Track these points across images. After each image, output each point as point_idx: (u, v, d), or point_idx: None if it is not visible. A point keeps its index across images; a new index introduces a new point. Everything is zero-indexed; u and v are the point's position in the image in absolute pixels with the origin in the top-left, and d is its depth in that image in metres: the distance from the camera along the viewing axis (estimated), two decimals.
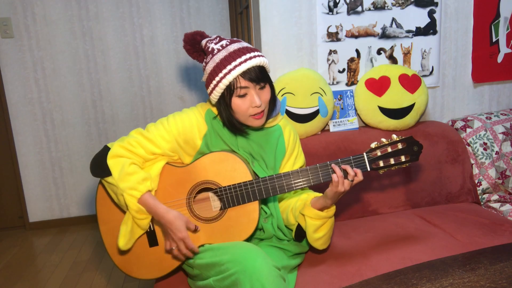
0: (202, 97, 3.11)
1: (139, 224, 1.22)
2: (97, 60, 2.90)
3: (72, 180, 3.01)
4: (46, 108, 2.89)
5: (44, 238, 2.85)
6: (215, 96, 1.23)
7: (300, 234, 1.32)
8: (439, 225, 1.58)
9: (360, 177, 1.20)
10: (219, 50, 1.21)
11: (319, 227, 1.25)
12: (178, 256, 1.24)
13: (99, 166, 1.23)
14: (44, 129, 2.91)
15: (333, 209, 1.25)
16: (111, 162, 1.21)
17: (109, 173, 1.20)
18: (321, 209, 1.23)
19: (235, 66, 1.17)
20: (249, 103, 1.21)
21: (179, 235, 1.18)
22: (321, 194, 1.27)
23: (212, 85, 1.22)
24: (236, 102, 1.21)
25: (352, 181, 1.19)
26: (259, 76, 1.20)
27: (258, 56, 1.20)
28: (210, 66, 1.21)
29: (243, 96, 1.20)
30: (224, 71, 1.18)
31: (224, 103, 1.23)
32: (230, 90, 1.19)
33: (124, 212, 1.26)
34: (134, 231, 1.24)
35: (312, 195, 1.31)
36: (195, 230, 1.24)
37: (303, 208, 1.25)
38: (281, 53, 1.87)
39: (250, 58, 1.18)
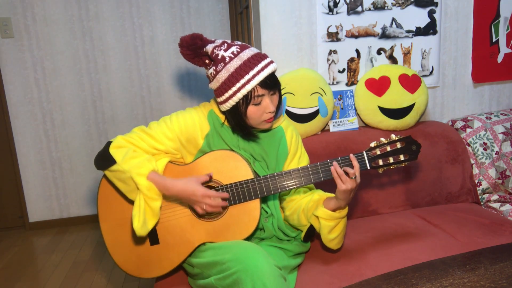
0: (202, 97, 3.11)
1: (151, 205, 1.18)
2: (97, 60, 2.90)
3: (72, 180, 3.01)
4: (46, 108, 2.89)
5: (44, 238, 2.85)
6: (229, 105, 1.22)
7: (309, 235, 1.32)
8: (439, 225, 1.58)
9: (356, 164, 1.19)
10: (231, 58, 1.19)
11: (333, 228, 1.26)
12: (215, 211, 1.21)
13: (103, 157, 1.22)
14: (44, 129, 2.91)
15: (346, 209, 1.26)
16: (113, 151, 1.22)
17: (113, 161, 1.20)
18: (334, 210, 1.24)
19: (253, 76, 1.17)
20: (263, 110, 1.22)
21: (199, 194, 1.17)
22: (333, 195, 1.27)
23: (227, 95, 1.20)
24: (251, 109, 1.22)
25: (355, 178, 1.19)
26: (273, 83, 1.21)
27: (271, 62, 1.21)
28: (223, 75, 1.19)
29: (258, 103, 1.21)
30: (242, 81, 1.17)
31: (237, 112, 1.23)
32: (246, 99, 1.20)
33: (127, 209, 1.27)
34: (147, 214, 1.19)
35: (324, 196, 1.31)
36: (211, 178, 1.23)
37: (316, 210, 1.25)
38: (281, 53, 1.87)
39: (266, 65, 1.19)
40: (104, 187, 1.32)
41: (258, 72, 1.17)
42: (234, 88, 1.18)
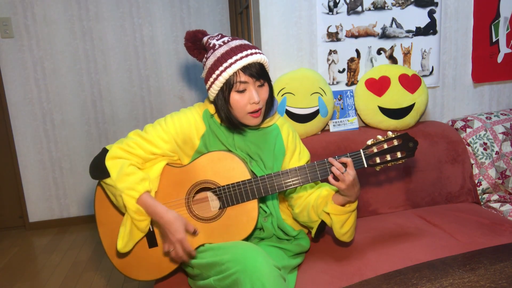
0: (202, 97, 3.11)
1: (138, 226, 1.21)
2: (97, 60, 2.90)
3: (72, 180, 3.01)
4: (46, 108, 2.89)
5: (44, 238, 2.85)
6: (214, 90, 1.23)
7: (319, 230, 1.33)
8: (439, 225, 1.58)
9: (346, 160, 1.19)
10: (220, 46, 1.22)
11: (345, 222, 1.27)
12: (175, 259, 1.24)
13: (98, 168, 1.22)
14: (44, 129, 2.91)
15: (356, 202, 1.26)
16: (109, 163, 1.21)
17: (107, 175, 1.20)
18: (344, 205, 1.25)
19: (236, 60, 1.18)
20: (247, 99, 1.21)
21: (177, 236, 1.18)
22: None
23: (211, 79, 1.22)
24: (234, 97, 1.21)
25: (345, 171, 1.19)
26: (259, 72, 1.21)
27: (259, 53, 1.21)
28: (210, 61, 1.22)
29: (242, 91, 1.21)
30: (225, 64, 1.18)
31: (222, 98, 1.23)
32: (229, 84, 1.20)
33: (123, 214, 1.26)
34: (133, 233, 1.23)
35: (332, 191, 1.31)
36: (194, 233, 1.24)
37: (326, 206, 1.26)
38: (281, 53, 1.87)
39: (252, 54, 1.20)
40: (101, 192, 1.31)
41: (241, 57, 1.18)
42: (217, 72, 1.20)
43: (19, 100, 2.85)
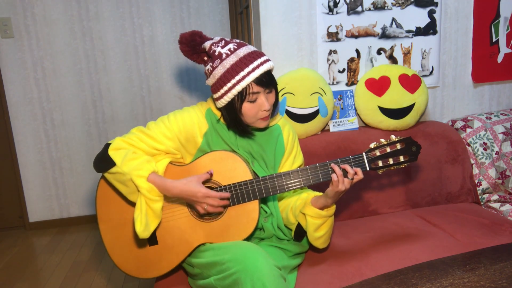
0: (202, 97, 3.11)
1: (152, 207, 1.18)
2: (97, 60, 2.90)
3: (72, 180, 3.01)
4: (46, 108, 2.89)
5: (44, 238, 2.85)
6: (224, 101, 1.23)
7: (299, 233, 1.32)
8: (439, 225, 1.58)
9: (360, 175, 1.21)
10: (227, 55, 1.20)
11: (319, 226, 1.26)
12: (216, 211, 1.22)
13: (102, 160, 1.22)
14: (44, 129, 2.91)
15: (333, 208, 1.26)
16: (112, 152, 1.21)
17: (112, 164, 1.19)
18: (322, 208, 1.24)
19: (249, 73, 1.17)
20: (258, 108, 1.22)
21: (200, 195, 1.18)
22: (321, 193, 1.28)
23: (222, 91, 1.21)
24: (246, 106, 1.22)
25: (352, 179, 1.20)
26: (269, 81, 1.21)
27: (268, 60, 1.21)
28: (219, 71, 1.20)
29: (253, 101, 1.22)
30: (237, 77, 1.18)
31: (233, 108, 1.23)
32: (241, 96, 1.20)
33: (126, 210, 1.26)
34: (148, 216, 1.20)
35: (312, 194, 1.32)
36: (211, 175, 1.24)
37: (304, 207, 1.25)
38: (281, 53, 1.87)
39: (262, 63, 1.19)
40: (103, 188, 1.31)
41: (253, 69, 1.18)
42: (229, 84, 1.19)
43: (19, 100, 2.85)
